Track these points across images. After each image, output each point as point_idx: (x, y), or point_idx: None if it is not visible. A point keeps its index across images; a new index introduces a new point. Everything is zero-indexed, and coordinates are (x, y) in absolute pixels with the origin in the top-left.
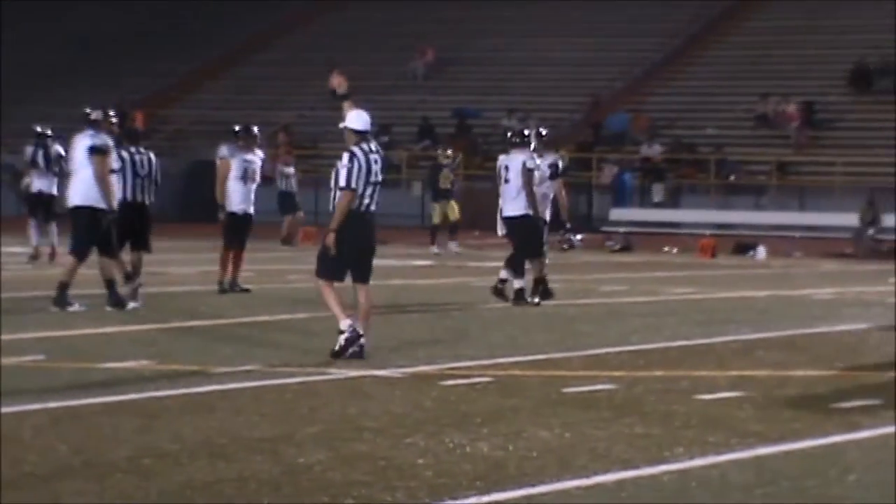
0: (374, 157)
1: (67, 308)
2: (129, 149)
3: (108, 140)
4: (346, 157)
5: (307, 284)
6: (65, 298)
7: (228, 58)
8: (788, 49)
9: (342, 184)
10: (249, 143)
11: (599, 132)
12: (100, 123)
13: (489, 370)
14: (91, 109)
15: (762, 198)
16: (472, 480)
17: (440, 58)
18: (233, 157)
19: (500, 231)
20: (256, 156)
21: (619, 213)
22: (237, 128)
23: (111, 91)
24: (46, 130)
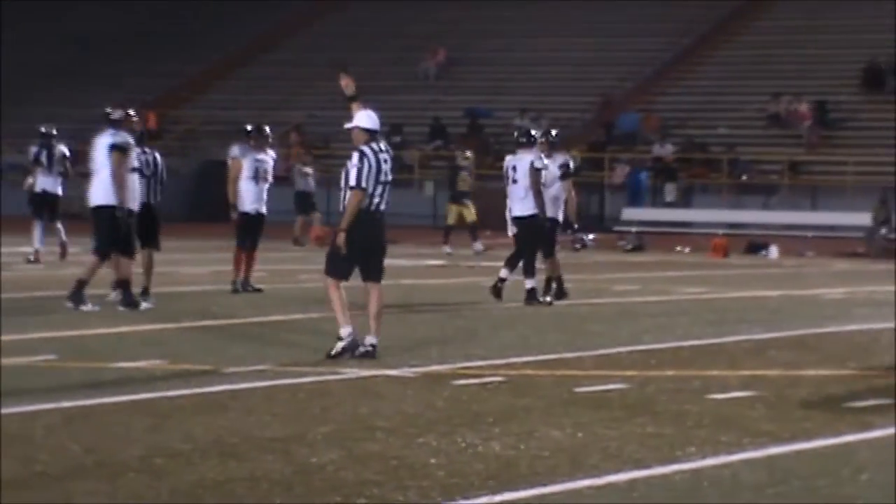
0: (384, 157)
1: (82, 307)
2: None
3: (129, 138)
4: (356, 157)
5: (319, 284)
6: (81, 296)
7: (238, 58)
8: (800, 48)
9: (352, 183)
10: (261, 143)
11: (611, 132)
12: (121, 122)
13: (501, 370)
14: (111, 109)
15: (771, 199)
16: (484, 480)
17: (451, 58)
18: (244, 157)
19: (511, 231)
20: (268, 155)
21: (632, 213)
22: (249, 127)
23: (113, 92)
24: (51, 130)
